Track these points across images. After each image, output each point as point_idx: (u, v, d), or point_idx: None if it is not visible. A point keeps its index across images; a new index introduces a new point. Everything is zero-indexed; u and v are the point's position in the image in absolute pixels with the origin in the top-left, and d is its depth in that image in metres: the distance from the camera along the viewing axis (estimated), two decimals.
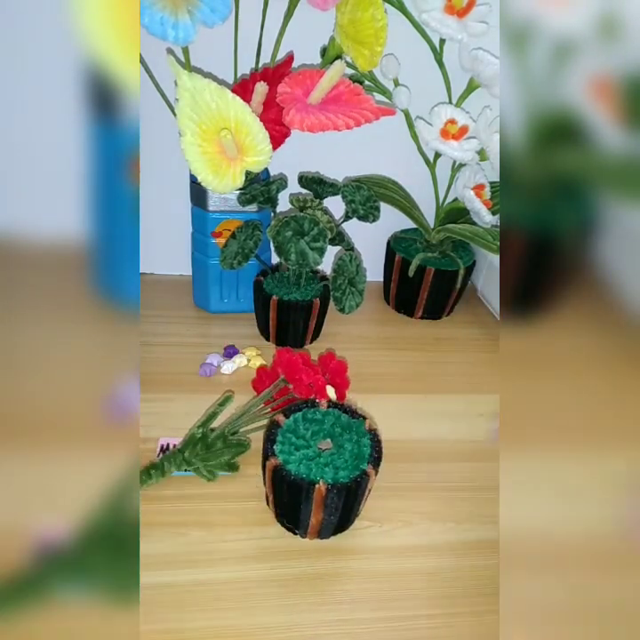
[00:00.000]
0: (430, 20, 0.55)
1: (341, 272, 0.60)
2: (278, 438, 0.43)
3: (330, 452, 0.43)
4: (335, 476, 0.41)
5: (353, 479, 0.41)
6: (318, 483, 0.40)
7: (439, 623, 0.40)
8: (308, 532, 0.43)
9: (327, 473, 0.41)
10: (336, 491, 0.40)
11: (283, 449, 0.43)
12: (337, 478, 0.41)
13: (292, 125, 0.51)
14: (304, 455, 0.42)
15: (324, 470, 0.41)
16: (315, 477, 0.41)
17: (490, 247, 0.60)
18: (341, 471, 0.42)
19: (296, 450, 0.43)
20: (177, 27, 0.45)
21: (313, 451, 0.43)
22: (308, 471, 0.41)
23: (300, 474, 0.41)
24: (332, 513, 0.41)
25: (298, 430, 0.44)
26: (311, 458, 0.42)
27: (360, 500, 0.43)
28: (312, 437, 0.44)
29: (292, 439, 0.43)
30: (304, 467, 0.42)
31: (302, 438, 0.44)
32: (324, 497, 0.40)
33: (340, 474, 0.41)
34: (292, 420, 0.45)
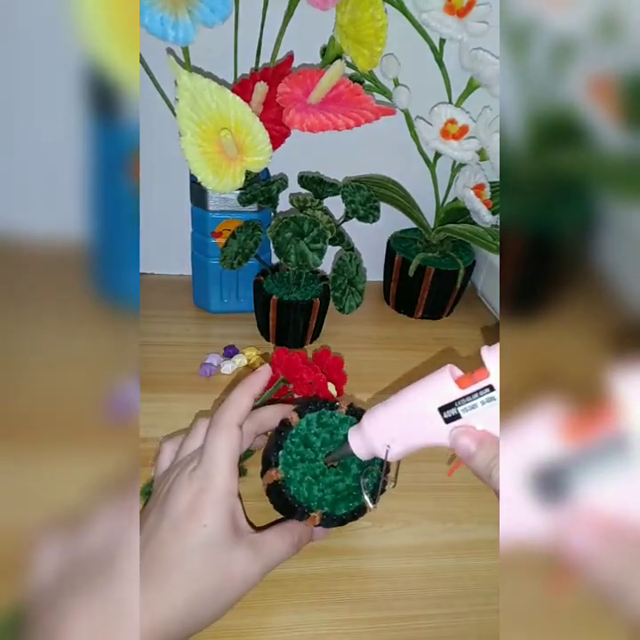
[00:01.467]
0: (430, 20, 0.55)
1: (341, 272, 0.60)
2: (286, 443, 0.40)
3: (335, 472, 0.41)
4: (333, 502, 0.40)
5: (349, 513, 0.40)
6: (314, 511, 0.39)
7: (439, 623, 0.40)
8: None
9: (327, 499, 0.39)
10: (329, 521, 0.39)
11: (287, 460, 0.40)
12: (334, 506, 0.39)
13: (292, 125, 0.51)
14: (308, 470, 0.40)
15: (325, 493, 0.40)
16: (312, 502, 0.39)
17: (490, 247, 0.60)
18: (340, 502, 0.40)
19: (301, 461, 0.40)
20: (177, 26, 0.45)
21: (318, 466, 0.40)
22: (308, 492, 0.39)
23: (299, 494, 0.39)
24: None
25: (309, 437, 0.41)
26: (315, 475, 0.40)
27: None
28: (321, 447, 0.41)
29: (299, 447, 0.40)
30: (305, 487, 0.39)
31: (310, 447, 0.40)
32: (316, 525, 0.39)
33: (338, 504, 0.40)
34: (305, 422, 0.41)
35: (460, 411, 0.33)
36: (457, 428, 0.33)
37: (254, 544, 0.36)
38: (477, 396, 0.32)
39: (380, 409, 0.37)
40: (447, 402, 0.33)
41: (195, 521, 0.34)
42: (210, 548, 0.34)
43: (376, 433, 0.37)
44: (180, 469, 0.37)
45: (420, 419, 0.34)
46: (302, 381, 0.49)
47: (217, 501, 0.35)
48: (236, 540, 0.35)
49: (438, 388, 0.34)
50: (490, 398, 0.32)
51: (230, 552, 0.35)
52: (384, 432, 0.37)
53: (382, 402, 0.37)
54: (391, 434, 0.36)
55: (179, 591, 0.32)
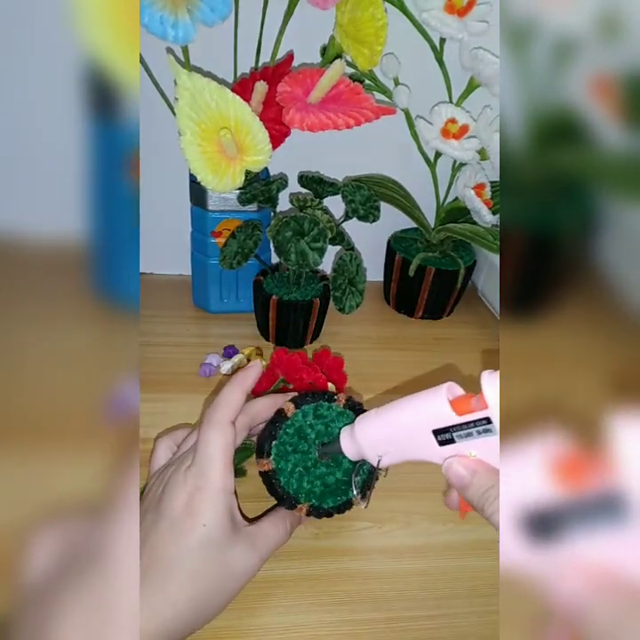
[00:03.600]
0: (430, 19, 0.55)
1: (341, 272, 0.60)
2: (280, 434, 0.40)
3: (326, 464, 0.41)
4: (321, 495, 0.40)
5: (336, 507, 0.41)
6: (301, 503, 0.39)
7: (439, 623, 0.40)
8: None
9: (315, 491, 0.40)
10: (316, 514, 0.40)
11: (280, 450, 0.40)
12: (322, 499, 0.40)
13: (292, 125, 0.51)
14: (300, 461, 0.40)
15: (314, 485, 0.40)
16: (301, 494, 0.40)
17: (490, 247, 0.60)
18: (329, 495, 0.40)
19: (294, 452, 0.40)
20: (177, 26, 0.45)
21: (310, 458, 0.40)
22: (297, 483, 0.40)
23: (288, 486, 0.39)
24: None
25: (304, 428, 0.41)
26: (306, 467, 0.40)
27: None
28: (315, 439, 0.41)
29: (293, 438, 0.40)
30: (295, 479, 0.40)
31: (304, 439, 0.41)
32: (304, 515, 0.40)
33: (326, 496, 0.40)
34: (301, 413, 0.41)
35: (454, 437, 0.32)
36: (451, 457, 0.33)
37: (251, 537, 0.37)
38: (474, 425, 0.31)
39: (373, 419, 0.37)
40: (442, 426, 0.32)
41: (193, 520, 0.34)
42: (210, 547, 0.34)
43: (368, 442, 0.37)
44: (174, 468, 0.37)
45: (413, 437, 0.34)
46: (302, 381, 0.49)
47: (213, 499, 0.35)
48: (234, 537, 0.35)
49: (433, 409, 0.32)
50: (486, 430, 0.31)
51: (230, 549, 0.35)
52: (376, 443, 0.37)
53: (376, 408, 0.37)
54: (383, 446, 0.36)
55: (180, 590, 0.32)
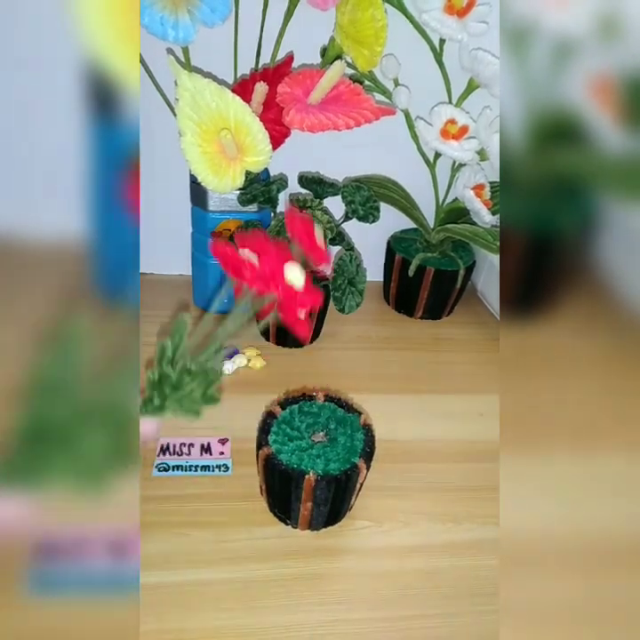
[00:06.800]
0: (430, 20, 0.55)
1: (341, 272, 0.60)
2: (273, 429, 0.44)
3: (323, 445, 0.43)
4: (326, 467, 0.41)
5: (343, 472, 0.41)
6: (308, 473, 0.40)
7: (439, 623, 0.40)
8: (299, 523, 0.44)
9: (318, 464, 0.42)
10: (325, 482, 0.41)
11: (276, 439, 0.43)
12: (327, 470, 0.41)
13: (292, 125, 0.51)
14: (297, 446, 0.43)
15: (316, 462, 0.42)
16: (305, 468, 0.41)
17: (490, 247, 0.60)
18: (332, 463, 0.42)
19: (289, 440, 0.43)
20: (177, 26, 0.45)
21: (306, 442, 0.43)
22: (299, 461, 0.42)
23: (291, 464, 0.41)
24: (322, 504, 0.42)
25: (293, 422, 0.45)
26: (304, 449, 0.43)
27: (351, 494, 0.44)
28: (306, 429, 0.45)
29: (286, 430, 0.44)
30: (296, 457, 0.42)
31: (297, 430, 0.44)
32: (313, 487, 0.40)
33: (330, 466, 0.42)
34: (288, 411, 0.46)
35: None
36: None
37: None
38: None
39: None
40: None
41: None
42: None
43: None
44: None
45: None
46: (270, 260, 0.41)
47: None
48: None
49: None
50: None
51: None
52: None
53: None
54: None
55: None
